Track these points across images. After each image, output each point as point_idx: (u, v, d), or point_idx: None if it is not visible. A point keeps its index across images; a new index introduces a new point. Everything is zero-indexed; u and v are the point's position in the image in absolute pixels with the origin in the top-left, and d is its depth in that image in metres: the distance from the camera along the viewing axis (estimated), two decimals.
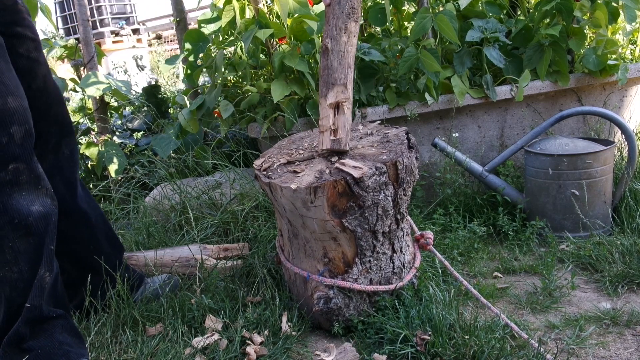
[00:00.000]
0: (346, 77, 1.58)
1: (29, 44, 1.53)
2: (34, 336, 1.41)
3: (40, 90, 1.55)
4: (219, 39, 2.71)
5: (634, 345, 1.53)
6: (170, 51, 9.03)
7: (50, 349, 1.42)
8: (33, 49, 1.55)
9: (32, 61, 1.54)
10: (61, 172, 1.66)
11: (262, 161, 1.73)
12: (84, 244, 1.74)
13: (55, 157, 1.65)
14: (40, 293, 1.40)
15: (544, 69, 2.45)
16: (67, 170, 1.69)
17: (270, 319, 1.66)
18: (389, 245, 1.62)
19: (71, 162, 1.71)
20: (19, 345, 1.39)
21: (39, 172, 1.42)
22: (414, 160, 1.58)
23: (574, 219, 2.20)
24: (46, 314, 1.43)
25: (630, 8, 2.39)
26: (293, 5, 2.29)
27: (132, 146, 3.52)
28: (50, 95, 1.59)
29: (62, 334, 1.46)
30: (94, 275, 1.74)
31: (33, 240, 1.39)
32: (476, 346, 1.43)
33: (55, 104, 1.62)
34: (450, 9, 2.37)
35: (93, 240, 1.76)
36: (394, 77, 2.51)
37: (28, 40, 1.53)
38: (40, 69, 1.57)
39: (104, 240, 1.79)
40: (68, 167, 1.69)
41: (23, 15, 1.55)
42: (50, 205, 1.44)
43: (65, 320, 1.49)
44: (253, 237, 2.20)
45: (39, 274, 1.40)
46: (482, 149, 2.59)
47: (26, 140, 1.38)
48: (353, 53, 1.61)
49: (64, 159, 1.68)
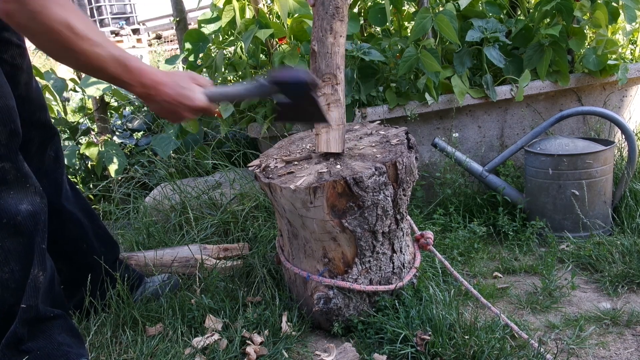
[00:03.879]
0: (335, 78, 1.58)
1: (14, 50, 1.51)
2: (32, 337, 1.41)
3: (22, 97, 1.54)
4: (219, 39, 2.72)
5: (634, 345, 1.53)
6: (170, 51, 9.03)
7: (49, 350, 1.41)
8: (17, 55, 1.52)
9: (16, 68, 1.52)
10: (47, 174, 1.66)
11: (261, 161, 1.73)
12: (75, 243, 1.74)
13: (40, 159, 1.65)
14: (34, 293, 1.39)
15: (544, 69, 2.45)
16: (52, 172, 1.68)
17: (270, 319, 1.66)
18: (388, 246, 1.62)
19: (57, 164, 1.70)
20: (17, 347, 1.39)
21: (25, 170, 1.41)
22: (414, 161, 1.58)
23: (574, 219, 2.20)
24: (43, 314, 1.42)
25: (630, 8, 2.39)
26: (293, 5, 2.29)
27: (132, 146, 3.53)
28: (32, 102, 1.58)
29: (61, 334, 1.46)
30: (90, 274, 1.74)
31: (23, 240, 1.38)
32: (476, 346, 1.43)
33: (38, 110, 1.61)
34: (450, 9, 2.37)
35: (84, 239, 1.75)
36: (394, 77, 2.51)
37: (13, 46, 1.51)
38: (23, 76, 1.55)
39: (96, 238, 1.78)
40: (53, 168, 1.69)
41: None
42: (39, 204, 1.42)
43: (64, 320, 1.49)
44: (253, 237, 2.20)
45: (32, 274, 1.39)
46: (482, 149, 2.59)
47: (12, 139, 1.37)
48: (341, 53, 1.60)
49: (49, 161, 1.67)
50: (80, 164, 3.29)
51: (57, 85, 2.92)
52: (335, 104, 1.58)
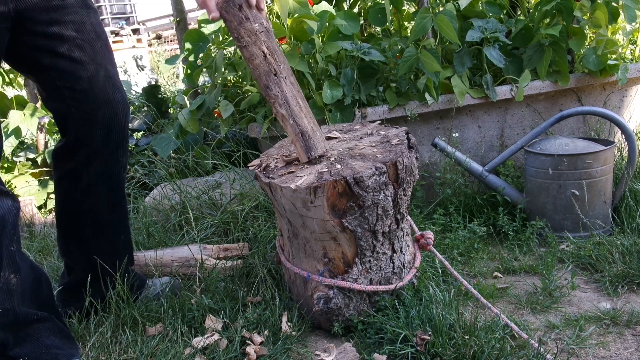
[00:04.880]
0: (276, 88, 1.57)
1: (70, 43, 1.47)
2: (18, 343, 1.38)
3: (86, 91, 1.50)
4: (219, 39, 2.71)
5: (634, 345, 1.53)
6: (170, 51, 9.03)
7: (37, 355, 1.39)
8: (75, 48, 1.48)
9: (73, 61, 1.48)
10: (108, 180, 1.62)
11: (261, 161, 1.73)
12: (96, 244, 1.72)
13: (104, 163, 1.60)
14: (8, 296, 1.35)
15: (544, 69, 2.45)
16: (115, 178, 1.65)
17: (270, 319, 1.66)
18: (389, 245, 1.62)
19: (119, 167, 1.65)
20: (5, 353, 1.36)
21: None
22: (414, 160, 1.58)
23: (574, 219, 2.20)
24: (24, 317, 1.39)
25: (630, 8, 2.39)
26: (293, 5, 2.29)
27: (132, 146, 3.53)
28: (97, 97, 1.53)
29: (49, 337, 1.43)
30: (105, 275, 1.73)
31: None
32: (476, 346, 1.43)
33: (104, 106, 1.54)
34: (450, 9, 2.37)
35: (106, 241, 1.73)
36: (394, 77, 2.51)
37: (68, 39, 1.47)
38: (87, 68, 1.50)
39: (115, 240, 1.76)
40: (116, 173, 1.65)
41: (64, 11, 1.47)
42: (9, 207, 1.37)
43: (51, 322, 1.46)
44: (253, 237, 2.20)
45: (3, 277, 1.35)
46: (482, 149, 2.59)
47: None
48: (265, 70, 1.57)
49: (112, 164, 1.63)
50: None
51: None
52: (282, 121, 1.58)
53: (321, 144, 1.59)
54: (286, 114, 1.56)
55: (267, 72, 1.55)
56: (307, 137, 1.57)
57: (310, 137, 1.57)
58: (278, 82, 1.55)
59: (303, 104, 1.59)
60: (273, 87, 1.55)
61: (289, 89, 1.57)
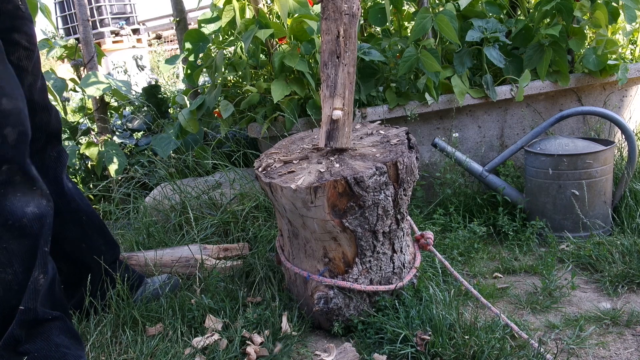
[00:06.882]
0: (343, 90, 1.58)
1: (21, 52, 1.53)
2: (30, 339, 1.41)
3: (26, 99, 1.54)
4: (219, 39, 2.71)
5: (634, 345, 1.53)
6: (170, 51, 9.03)
7: (47, 352, 1.41)
8: (24, 58, 1.55)
9: (21, 69, 1.54)
10: (47, 174, 1.67)
11: (262, 161, 1.73)
12: (76, 243, 1.75)
13: (41, 158, 1.66)
14: (34, 295, 1.40)
15: (544, 69, 2.45)
16: (52, 171, 1.70)
17: (270, 319, 1.66)
18: (389, 245, 1.62)
19: (58, 163, 1.72)
20: (15, 349, 1.38)
21: (33, 174, 1.42)
22: (414, 160, 1.58)
23: (574, 219, 2.20)
24: (41, 316, 1.42)
25: (630, 8, 2.39)
26: (293, 5, 2.29)
27: (132, 146, 3.53)
28: (35, 103, 1.60)
29: (59, 336, 1.45)
30: (90, 274, 1.74)
31: (27, 242, 1.39)
32: (476, 346, 1.43)
33: (40, 111, 1.63)
34: (450, 9, 2.37)
35: (85, 238, 1.76)
36: (394, 77, 2.51)
37: (21, 48, 1.54)
38: (27, 78, 1.57)
39: (97, 238, 1.79)
40: (54, 167, 1.71)
41: (23, 22, 1.55)
42: (45, 207, 1.43)
43: (62, 322, 1.48)
44: (253, 237, 2.20)
45: (33, 276, 1.39)
46: (482, 149, 2.59)
47: (20, 142, 1.38)
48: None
49: (49, 160, 1.69)
50: (80, 164, 3.29)
51: (57, 85, 2.92)
52: (323, 100, 1.58)
53: (344, 140, 1.58)
54: (328, 96, 1.56)
55: (332, 51, 1.56)
56: (335, 126, 1.56)
57: (339, 127, 1.57)
58: (337, 65, 1.56)
59: (349, 96, 1.59)
60: (330, 66, 1.57)
61: (343, 76, 1.57)
